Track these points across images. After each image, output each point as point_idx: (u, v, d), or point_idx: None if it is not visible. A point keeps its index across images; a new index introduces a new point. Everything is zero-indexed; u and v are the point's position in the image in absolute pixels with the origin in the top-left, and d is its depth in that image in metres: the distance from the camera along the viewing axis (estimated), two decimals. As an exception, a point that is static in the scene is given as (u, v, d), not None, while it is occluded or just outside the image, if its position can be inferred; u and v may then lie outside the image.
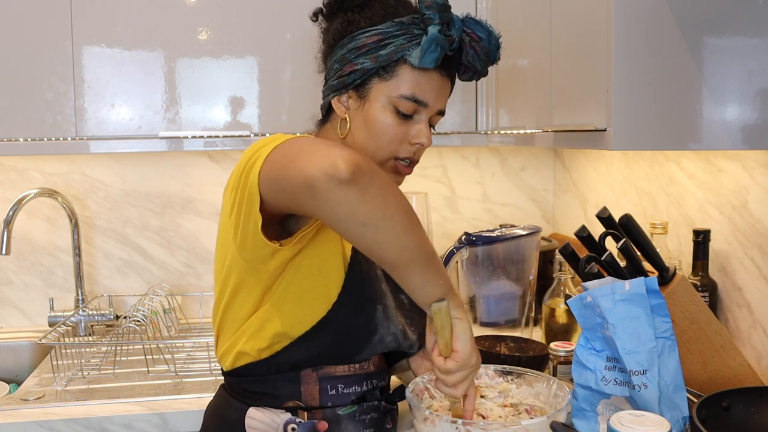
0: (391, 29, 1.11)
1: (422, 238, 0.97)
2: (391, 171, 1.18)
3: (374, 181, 0.91)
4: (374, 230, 0.92)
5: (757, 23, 1.13)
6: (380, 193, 0.92)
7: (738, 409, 1.12)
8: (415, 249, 0.96)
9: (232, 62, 1.77)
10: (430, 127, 1.18)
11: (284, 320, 1.09)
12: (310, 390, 1.12)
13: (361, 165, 0.89)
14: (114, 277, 2.11)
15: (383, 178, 0.94)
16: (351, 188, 0.88)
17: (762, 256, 1.37)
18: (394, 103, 1.12)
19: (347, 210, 0.90)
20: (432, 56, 1.08)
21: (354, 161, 0.88)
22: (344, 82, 1.14)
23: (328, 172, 0.87)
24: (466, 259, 1.61)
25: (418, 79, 1.12)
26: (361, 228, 0.92)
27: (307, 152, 0.92)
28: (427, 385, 1.15)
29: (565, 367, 1.46)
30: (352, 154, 0.90)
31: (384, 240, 0.94)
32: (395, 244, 0.95)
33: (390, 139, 1.14)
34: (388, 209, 0.92)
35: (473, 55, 1.13)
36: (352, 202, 0.89)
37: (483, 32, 1.13)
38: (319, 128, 1.23)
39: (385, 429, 1.18)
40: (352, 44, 1.12)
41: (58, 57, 1.70)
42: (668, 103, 1.13)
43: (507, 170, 2.29)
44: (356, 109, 1.14)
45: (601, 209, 1.28)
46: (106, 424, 1.43)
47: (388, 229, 0.93)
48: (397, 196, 0.95)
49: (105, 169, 2.09)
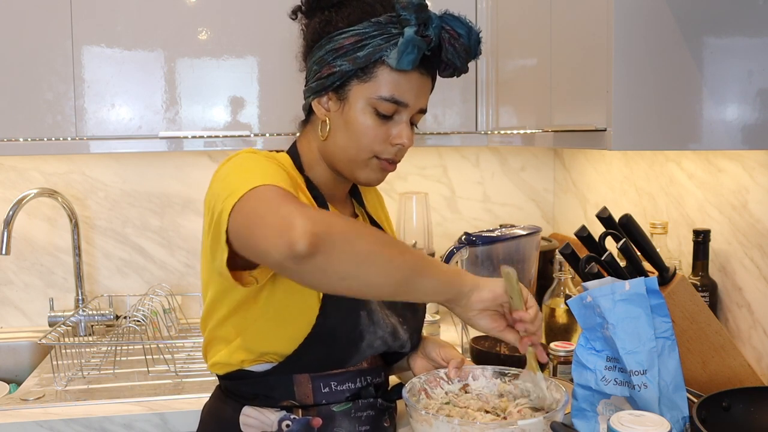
0: (368, 29, 1.10)
1: (404, 254, 0.97)
2: (376, 169, 1.17)
3: (336, 238, 0.90)
4: (356, 279, 0.93)
5: (757, 23, 1.13)
6: (346, 246, 0.91)
7: (738, 409, 1.12)
8: (405, 269, 0.96)
9: (232, 62, 1.77)
10: (413, 126, 1.17)
11: (269, 339, 1.10)
12: (304, 389, 1.12)
13: (317, 231, 0.87)
14: (114, 277, 2.11)
15: (342, 226, 0.93)
16: (315, 259, 0.88)
17: (762, 256, 1.37)
18: (374, 104, 1.11)
19: (320, 277, 0.92)
20: (409, 58, 1.08)
21: (310, 231, 0.87)
22: (323, 84, 1.13)
23: (288, 253, 0.87)
24: (466, 259, 1.61)
25: (397, 80, 1.11)
26: (342, 282, 0.93)
27: (262, 226, 0.90)
28: (424, 385, 1.15)
29: (565, 367, 1.46)
30: (305, 219, 0.88)
31: (371, 282, 0.94)
32: (385, 279, 0.95)
33: (371, 141, 1.13)
34: (360, 255, 0.92)
35: (453, 52, 1.12)
36: (322, 269, 0.90)
37: (462, 28, 1.11)
38: (301, 129, 1.23)
39: (382, 427, 1.18)
40: (330, 45, 1.11)
41: (58, 57, 1.70)
42: (668, 103, 1.13)
43: (507, 170, 2.29)
44: (336, 111, 1.14)
45: (601, 209, 1.28)
46: (106, 424, 1.43)
47: (370, 272, 0.93)
48: (362, 234, 0.94)
49: (105, 169, 2.09)
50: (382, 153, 1.15)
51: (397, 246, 0.98)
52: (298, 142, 1.22)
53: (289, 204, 0.92)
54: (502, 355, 1.50)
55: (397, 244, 1.00)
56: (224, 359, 1.14)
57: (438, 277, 1.02)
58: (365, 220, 1.29)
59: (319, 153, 1.19)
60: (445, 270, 1.04)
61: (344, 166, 1.16)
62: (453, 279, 1.04)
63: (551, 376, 1.49)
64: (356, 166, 1.15)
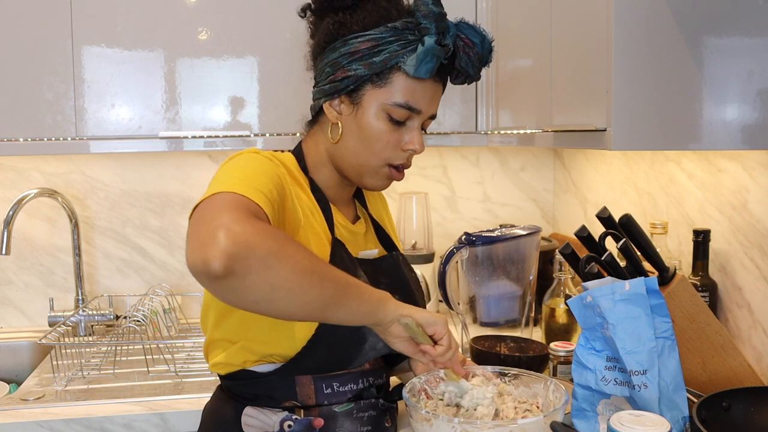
0: (384, 35, 1.09)
1: (324, 283, 0.94)
2: (385, 178, 1.17)
3: (252, 263, 0.86)
4: (269, 304, 0.91)
5: (757, 23, 1.13)
6: (262, 272, 0.87)
7: (738, 409, 1.12)
8: (320, 300, 0.94)
9: (232, 62, 1.77)
10: (422, 131, 1.17)
11: (272, 342, 1.10)
12: (306, 390, 1.12)
13: (234, 252, 0.84)
14: (114, 277, 2.11)
15: (265, 249, 0.87)
16: (228, 280, 0.85)
17: (762, 256, 1.37)
18: (388, 110, 1.11)
19: (232, 297, 0.90)
20: (427, 67, 1.08)
21: (226, 251, 0.84)
22: (336, 88, 1.13)
23: (202, 270, 0.85)
24: (466, 259, 1.61)
25: (413, 87, 1.11)
26: (255, 305, 0.91)
27: (192, 236, 0.88)
28: (424, 385, 1.15)
29: (565, 367, 1.46)
30: (229, 236, 0.85)
31: (282, 308, 0.92)
32: (297, 308, 0.93)
33: (383, 146, 1.13)
34: (275, 282, 0.89)
35: (467, 61, 1.12)
36: (234, 290, 0.88)
37: (477, 37, 1.12)
38: (308, 129, 1.23)
39: (383, 427, 1.18)
40: (345, 49, 1.11)
41: (58, 57, 1.70)
42: (668, 103, 1.13)
43: (507, 170, 2.29)
44: (349, 115, 1.14)
45: (601, 209, 1.28)
46: (106, 424, 1.43)
47: (282, 300, 0.91)
48: (284, 259, 0.89)
49: (105, 169, 2.09)
50: (394, 159, 1.15)
51: (318, 274, 0.94)
52: (303, 142, 1.22)
53: (228, 215, 0.88)
54: (502, 355, 1.50)
55: (320, 270, 0.94)
56: (226, 360, 1.14)
57: (357, 308, 0.99)
58: (367, 222, 1.29)
59: (326, 155, 1.18)
60: (367, 299, 1.01)
61: (353, 170, 1.16)
62: (372, 310, 1.02)
63: (551, 376, 1.49)
64: (366, 171, 1.16)
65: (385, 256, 1.26)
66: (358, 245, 1.22)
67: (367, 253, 1.22)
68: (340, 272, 0.98)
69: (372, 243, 1.27)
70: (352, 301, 0.98)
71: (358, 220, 1.27)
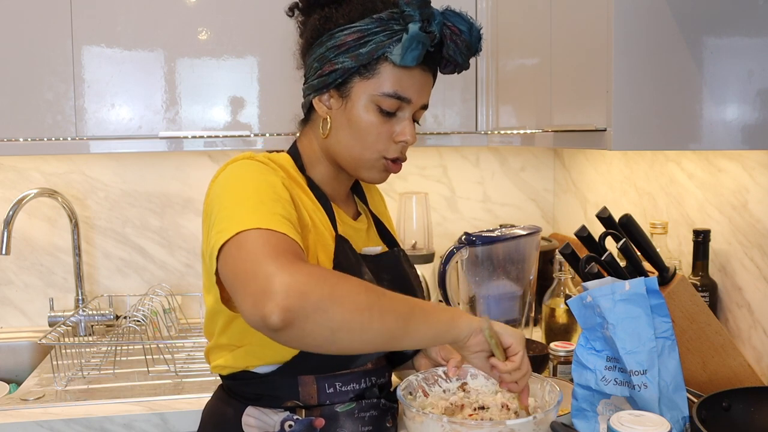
0: (370, 26, 1.09)
1: (385, 316, 0.93)
2: (382, 170, 1.17)
3: (309, 311, 0.87)
4: (333, 345, 0.91)
5: (757, 23, 1.13)
6: (319, 318, 0.88)
7: (738, 409, 1.12)
8: (384, 333, 0.93)
9: (232, 62, 1.77)
10: (415, 122, 1.17)
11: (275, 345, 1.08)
12: (308, 389, 1.12)
13: (289, 305, 0.85)
14: (114, 277, 2.11)
15: (319, 293, 0.88)
16: (288, 332, 0.87)
17: (762, 256, 1.37)
18: (377, 101, 1.11)
19: (297, 344, 0.92)
20: (413, 54, 1.08)
21: (282, 305, 0.85)
22: (325, 82, 1.13)
23: (262, 325, 0.87)
24: (466, 259, 1.61)
25: (400, 76, 1.11)
26: (319, 348, 0.92)
27: (241, 289, 0.90)
28: (422, 383, 1.15)
29: (565, 367, 1.46)
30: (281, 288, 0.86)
31: (346, 348, 0.93)
32: (361, 345, 0.93)
33: (375, 138, 1.13)
34: (334, 325, 0.89)
35: (454, 49, 1.12)
36: (297, 339, 0.89)
37: (464, 25, 1.11)
38: (301, 128, 1.23)
39: (384, 427, 1.18)
40: (331, 42, 1.11)
41: (58, 57, 1.70)
42: (668, 103, 1.13)
43: (507, 170, 2.29)
44: (338, 109, 1.14)
45: (601, 209, 1.28)
46: (106, 424, 1.43)
47: (345, 340, 0.91)
48: (339, 300, 0.89)
49: (105, 169, 2.09)
50: (388, 152, 1.15)
51: (378, 307, 0.92)
52: (298, 141, 1.22)
53: (271, 264, 0.89)
54: (502, 355, 1.50)
55: (379, 304, 0.93)
56: (228, 363, 1.14)
57: (425, 333, 0.98)
58: (368, 217, 1.29)
59: (320, 151, 1.18)
60: (434, 322, 0.99)
61: (348, 163, 1.16)
62: (444, 331, 1.00)
63: (551, 376, 1.49)
64: (361, 165, 1.15)
65: (387, 252, 1.26)
66: (361, 241, 1.22)
67: (370, 250, 1.22)
68: (401, 300, 0.97)
69: (374, 239, 1.27)
70: (419, 327, 0.97)
71: (359, 216, 1.27)
